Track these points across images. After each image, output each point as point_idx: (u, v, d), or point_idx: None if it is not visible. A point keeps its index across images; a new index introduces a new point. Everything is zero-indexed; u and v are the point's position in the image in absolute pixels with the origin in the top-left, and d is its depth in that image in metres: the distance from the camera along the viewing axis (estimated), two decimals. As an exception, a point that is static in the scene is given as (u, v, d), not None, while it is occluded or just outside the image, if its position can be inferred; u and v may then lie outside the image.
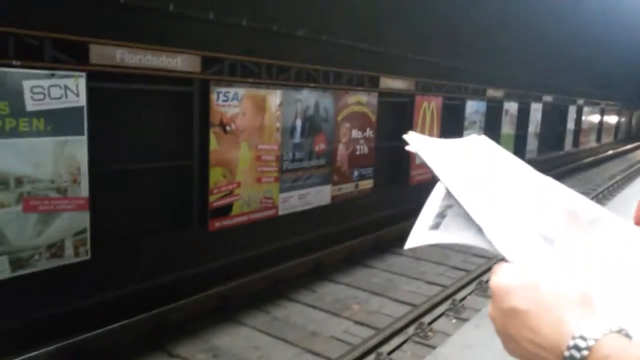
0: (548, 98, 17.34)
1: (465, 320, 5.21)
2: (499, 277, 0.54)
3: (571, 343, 0.47)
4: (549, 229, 0.58)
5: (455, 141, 0.71)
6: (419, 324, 5.37)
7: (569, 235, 0.57)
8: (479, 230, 0.58)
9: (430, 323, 5.47)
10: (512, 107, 14.48)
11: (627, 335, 0.47)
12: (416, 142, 0.68)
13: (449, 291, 6.20)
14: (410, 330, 5.28)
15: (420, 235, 0.64)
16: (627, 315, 0.51)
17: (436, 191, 0.68)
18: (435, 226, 0.64)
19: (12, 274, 4.42)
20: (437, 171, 0.64)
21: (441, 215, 0.64)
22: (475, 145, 0.70)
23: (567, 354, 0.47)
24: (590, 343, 0.46)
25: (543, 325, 0.50)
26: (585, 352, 0.46)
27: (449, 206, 0.64)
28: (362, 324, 5.53)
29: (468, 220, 0.59)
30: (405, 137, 0.69)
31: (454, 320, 5.56)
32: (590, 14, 17.37)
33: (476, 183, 0.62)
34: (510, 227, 0.58)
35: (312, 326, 5.44)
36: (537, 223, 0.58)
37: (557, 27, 16.36)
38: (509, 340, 0.53)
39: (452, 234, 0.62)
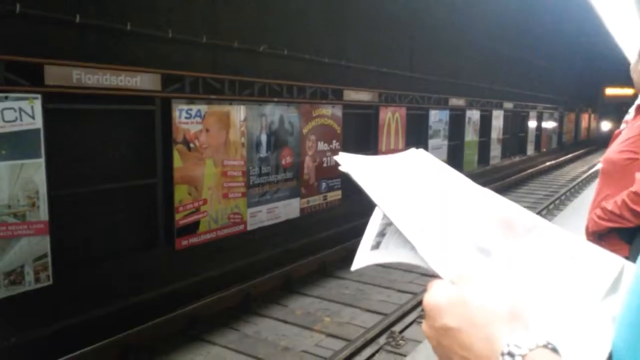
0: (509, 105, 17.83)
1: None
2: (430, 295, 0.54)
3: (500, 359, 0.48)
4: (485, 240, 0.58)
5: (391, 157, 0.71)
6: (390, 333, 5.39)
7: (505, 245, 0.57)
8: (414, 247, 0.58)
9: (401, 331, 5.48)
10: (474, 114, 14.85)
11: (554, 349, 0.48)
12: (347, 162, 0.67)
13: (419, 298, 6.24)
14: (382, 339, 5.29)
15: (362, 256, 0.64)
16: (556, 326, 0.52)
17: (377, 210, 0.66)
18: (377, 245, 0.63)
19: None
20: (369, 190, 0.63)
21: (381, 234, 0.63)
22: (411, 160, 0.70)
23: None
24: (518, 359, 0.47)
25: (474, 342, 0.50)
26: None
27: (389, 224, 0.63)
28: (333, 336, 5.51)
29: (405, 237, 0.59)
30: (336, 158, 0.69)
31: (424, 327, 5.59)
32: (545, 25, 18.03)
33: (410, 199, 0.62)
34: (443, 242, 0.58)
35: (284, 341, 5.39)
36: (473, 235, 0.58)
37: (514, 38, 16.90)
38: (444, 358, 0.53)
39: (391, 253, 0.61)
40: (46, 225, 4.70)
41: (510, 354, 0.47)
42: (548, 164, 20.53)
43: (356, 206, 9.32)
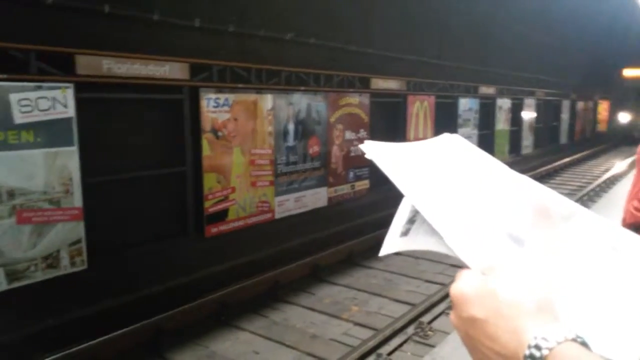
0: (541, 93, 17.40)
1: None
2: (458, 285, 0.54)
3: (527, 352, 0.47)
4: (518, 228, 0.56)
5: (423, 142, 0.69)
6: (418, 323, 5.34)
7: (539, 234, 0.55)
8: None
9: (430, 322, 5.43)
10: (505, 103, 14.54)
11: (583, 343, 0.46)
12: (373, 150, 0.66)
13: (448, 289, 6.12)
14: (410, 329, 5.25)
15: (391, 242, 0.63)
16: (591, 320, 0.50)
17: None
18: (405, 232, 0.62)
19: (8, 286, 4.42)
20: (394, 178, 0.61)
21: (411, 221, 0.62)
22: (444, 145, 0.68)
23: None
24: (545, 352, 0.45)
25: (502, 334, 0.49)
26: None
27: (418, 211, 0.61)
28: (361, 325, 5.50)
29: None
30: (361, 146, 0.67)
31: (453, 317, 5.52)
32: (578, 9, 17.46)
33: (440, 186, 0.60)
34: (474, 230, 0.56)
35: (312, 329, 5.41)
36: (506, 223, 0.56)
37: (547, 23, 16.43)
38: (473, 349, 0.53)
39: (420, 240, 0.60)
40: (80, 211, 4.81)
41: (537, 347, 0.46)
42: (581, 154, 19.98)
43: (384, 195, 9.26)
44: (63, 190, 4.68)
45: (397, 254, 7.68)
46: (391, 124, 9.98)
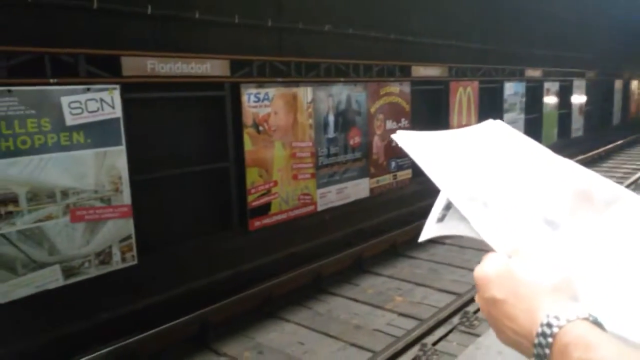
0: (592, 74, 16.64)
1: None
2: (481, 267, 0.56)
3: (539, 330, 0.48)
4: (555, 213, 0.57)
5: (465, 130, 0.70)
6: (463, 313, 5.28)
7: (578, 218, 0.56)
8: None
9: (475, 312, 5.35)
10: (553, 85, 14.00)
11: (595, 322, 0.47)
12: (405, 140, 0.67)
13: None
14: (455, 319, 5.20)
15: (429, 228, 0.65)
16: (622, 302, 0.50)
17: None
18: (442, 218, 0.64)
19: (65, 282, 4.65)
20: (424, 166, 0.63)
21: (447, 207, 0.64)
22: (486, 132, 0.68)
23: (536, 341, 0.49)
24: (555, 330, 0.47)
25: (518, 313, 0.51)
26: (550, 340, 0.47)
27: None
28: (405, 315, 5.48)
29: None
30: (393, 136, 0.69)
31: (500, 308, 5.42)
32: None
33: (474, 173, 0.61)
34: (506, 215, 0.57)
35: (355, 320, 5.44)
36: (542, 208, 0.57)
37: (595, 3, 15.66)
38: (496, 329, 0.55)
39: (454, 225, 0.62)
40: (130, 208, 5.00)
41: (549, 325, 0.48)
42: (635, 136, 18.99)
43: (427, 185, 9.12)
44: (113, 188, 4.87)
45: (442, 243, 7.61)
46: (433, 112, 9.81)
